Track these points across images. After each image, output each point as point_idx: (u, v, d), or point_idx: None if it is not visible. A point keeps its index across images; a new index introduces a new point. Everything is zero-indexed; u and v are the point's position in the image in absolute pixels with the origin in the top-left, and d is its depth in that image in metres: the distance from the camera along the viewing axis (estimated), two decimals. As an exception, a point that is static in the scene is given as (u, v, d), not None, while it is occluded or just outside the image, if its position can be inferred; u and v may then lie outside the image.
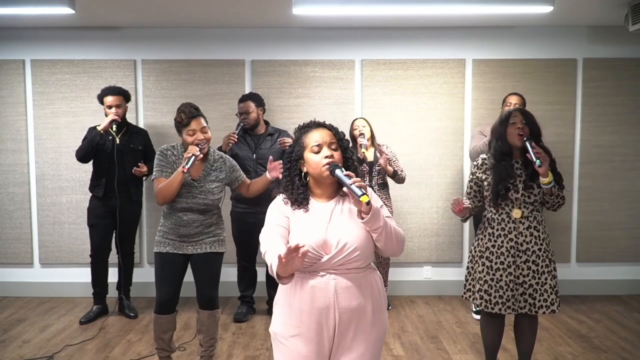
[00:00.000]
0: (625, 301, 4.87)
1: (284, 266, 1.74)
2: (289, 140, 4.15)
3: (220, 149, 4.15)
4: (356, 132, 4.44)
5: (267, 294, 4.48)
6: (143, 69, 4.94)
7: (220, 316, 3.39)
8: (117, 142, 4.25)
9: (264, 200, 2.90)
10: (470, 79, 4.98)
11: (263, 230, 2.08)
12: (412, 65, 4.95)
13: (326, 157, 2.02)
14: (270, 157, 3.35)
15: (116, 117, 4.17)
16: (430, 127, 4.97)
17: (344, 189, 1.95)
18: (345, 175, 1.94)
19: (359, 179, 1.93)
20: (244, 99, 4.39)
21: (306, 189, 2.09)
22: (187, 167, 2.97)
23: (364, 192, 1.88)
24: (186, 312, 4.46)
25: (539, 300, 2.95)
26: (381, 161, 4.30)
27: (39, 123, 4.94)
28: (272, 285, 4.37)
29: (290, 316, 2.01)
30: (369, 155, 4.42)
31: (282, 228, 2.03)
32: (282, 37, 4.94)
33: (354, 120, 4.55)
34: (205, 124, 3.16)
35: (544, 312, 2.96)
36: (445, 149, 4.98)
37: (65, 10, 3.91)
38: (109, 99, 4.24)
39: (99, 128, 4.16)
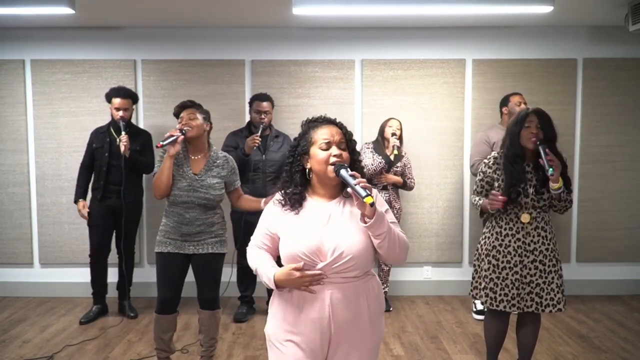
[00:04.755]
0: (625, 301, 4.87)
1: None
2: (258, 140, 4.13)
3: (243, 152, 4.16)
4: (388, 130, 4.48)
5: (267, 294, 4.48)
6: (143, 69, 4.94)
7: (221, 316, 3.38)
8: (118, 143, 4.24)
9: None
10: (470, 79, 4.98)
11: (253, 238, 2.07)
12: (412, 65, 4.95)
13: (334, 155, 1.91)
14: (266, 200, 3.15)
15: (126, 148, 4.09)
16: (430, 127, 4.97)
17: (348, 189, 1.84)
18: (350, 175, 1.83)
19: (364, 179, 1.83)
20: (265, 98, 4.39)
21: (305, 187, 2.00)
22: (162, 143, 3.07)
23: (369, 193, 1.77)
24: (186, 312, 4.46)
25: (546, 299, 2.97)
26: (387, 177, 4.47)
27: (39, 123, 4.93)
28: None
29: (284, 321, 1.96)
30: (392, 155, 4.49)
31: (270, 237, 2.00)
32: (282, 37, 4.94)
33: (389, 119, 4.57)
34: (196, 113, 3.17)
35: (550, 311, 2.97)
36: (445, 149, 4.98)
37: (65, 10, 3.91)
38: (118, 101, 4.23)
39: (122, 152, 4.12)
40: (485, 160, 3.11)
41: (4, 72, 4.93)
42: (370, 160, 4.41)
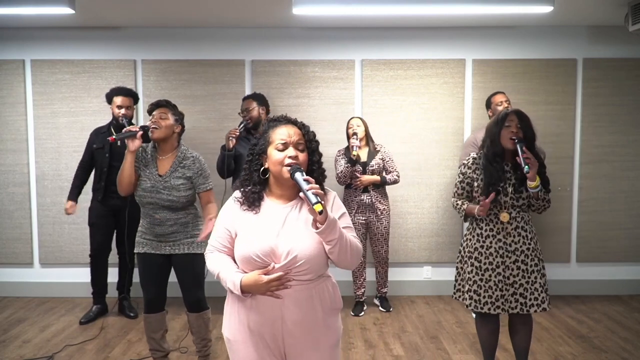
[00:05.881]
0: (625, 301, 4.87)
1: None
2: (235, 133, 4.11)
3: (223, 147, 4.15)
4: (350, 132, 4.43)
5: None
6: (143, 69, 4.94)
7: (211, 316, 3.35)
8: (118, 144, 4.24)
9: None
10: (470, 79, 4.98)
11: (210, 241, 2.02)
12: (412, 65, 4.95)
13: (290, 157, 1.89)
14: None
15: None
16: (430, 127, 4.97)
17: (300, 193, 1.82)
18: (304, 179, 1.81)
19: (317, 185, 1.81)
20: (247, 97, 4.42)
21: (263, 187, 1.98)
22: (114, 137, 3.14)
23: (319, 200, 1.75)
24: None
25: (530, 299, 2.97)
26: (362, 179, 4.38)
27: (39, 123, 4.94)
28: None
29: (238, 322, 1.95)
30: (362, 155, 4.42)
31: (229, 237, 1.96)
32: (282, 37, 4.94)
33: (350, 119, 4.54)
34: (168, 113, 3.13)
35: (535, 311, 2.98)
36: (445, 149, 4.98)
37: (65, 10, 3.91)
38: (119, 99, 4.24)
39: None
40: (465, 161, 3.12)
41: (4, 72, 4.93)
42: (341, 167, 4.36)
